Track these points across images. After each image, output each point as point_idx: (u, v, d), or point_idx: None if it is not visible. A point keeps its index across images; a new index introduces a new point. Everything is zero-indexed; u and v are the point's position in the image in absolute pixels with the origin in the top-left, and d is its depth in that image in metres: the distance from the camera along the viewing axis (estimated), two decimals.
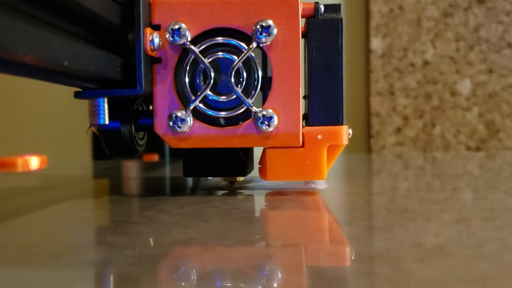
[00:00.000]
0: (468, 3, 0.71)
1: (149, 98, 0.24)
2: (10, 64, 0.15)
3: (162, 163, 0.56)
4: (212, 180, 0.30)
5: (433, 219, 0.18)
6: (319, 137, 0.23)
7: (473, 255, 0.13)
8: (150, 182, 0.34)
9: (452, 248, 0.14)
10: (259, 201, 0.24)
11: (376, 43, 0.71)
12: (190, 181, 0.31)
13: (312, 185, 0.26)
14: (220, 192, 0.26)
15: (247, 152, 0.25)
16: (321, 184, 0.26)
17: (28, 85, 0.73)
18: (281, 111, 0.23)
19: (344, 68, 0.24)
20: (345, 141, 0.24)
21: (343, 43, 0.24)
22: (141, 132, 0.26)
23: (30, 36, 0.16)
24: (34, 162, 0.42)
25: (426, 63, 0.72)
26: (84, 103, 0.23)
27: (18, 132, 0.77)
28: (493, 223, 0.18)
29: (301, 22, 0.23)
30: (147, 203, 0.23)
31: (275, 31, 0.23)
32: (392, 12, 0.72)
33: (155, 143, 0.28)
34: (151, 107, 0.28)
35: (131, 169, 0.47)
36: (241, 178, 0.26)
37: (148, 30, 0.22)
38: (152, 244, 0.16)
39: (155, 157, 0.62)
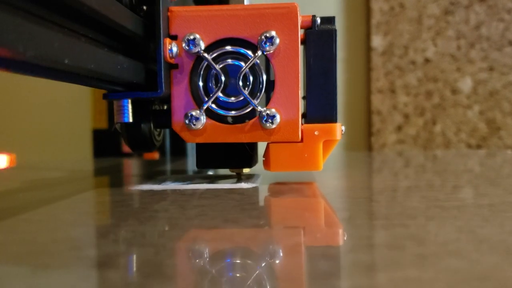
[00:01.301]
0: (469, 1, 0.75)
1: (166, 99, 0.29)
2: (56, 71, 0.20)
3: (163, 161, 0.60)
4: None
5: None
6: (316, 133, 0.29)
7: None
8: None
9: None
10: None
11: (377, 41, 0.75)
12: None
13: (242, 185, 0.29)
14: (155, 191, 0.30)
15: (253, 147, 0.30)
16: (252, 183, 0.29)
17: (30, 84, 0.78)
18: (283, 111, 0.28)
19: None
20: (338, 137, 0.29)
21: (337, 51, 0.29)
22: (157, 129, 0.32)
23: (77, 48, 0.21)
24: (2, 160, 0.47)
25: (427, 61, 0.75)
26: (83, 103, 0.28)
27: (19, 130, 0.81)
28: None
29: (300, 32, 0.29)
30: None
31: (277, 40, 0.28)
32: (393, 10, 0.75)
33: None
34: (166, 107, 0.33)
35: (131, 167, 0.52)
36: (247, 170, 0.31)
37: (167, 40, 0.27)
38: None
39: (156, 155, 0.67)
